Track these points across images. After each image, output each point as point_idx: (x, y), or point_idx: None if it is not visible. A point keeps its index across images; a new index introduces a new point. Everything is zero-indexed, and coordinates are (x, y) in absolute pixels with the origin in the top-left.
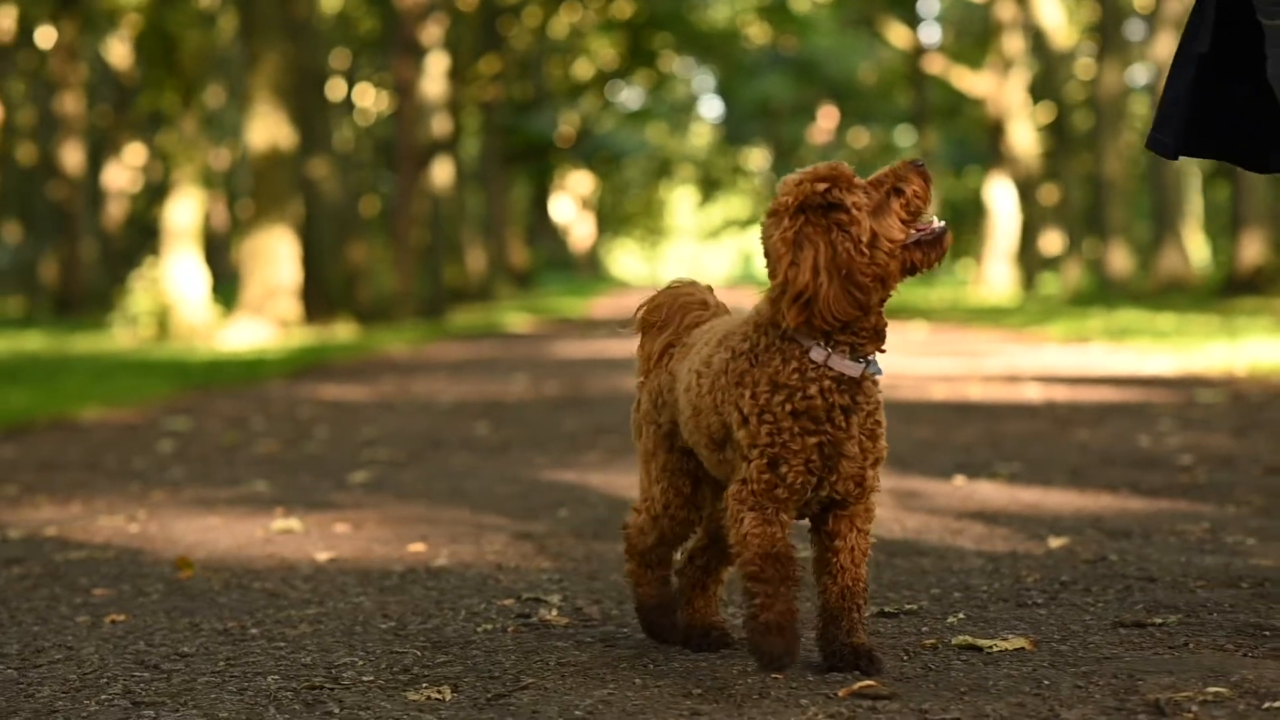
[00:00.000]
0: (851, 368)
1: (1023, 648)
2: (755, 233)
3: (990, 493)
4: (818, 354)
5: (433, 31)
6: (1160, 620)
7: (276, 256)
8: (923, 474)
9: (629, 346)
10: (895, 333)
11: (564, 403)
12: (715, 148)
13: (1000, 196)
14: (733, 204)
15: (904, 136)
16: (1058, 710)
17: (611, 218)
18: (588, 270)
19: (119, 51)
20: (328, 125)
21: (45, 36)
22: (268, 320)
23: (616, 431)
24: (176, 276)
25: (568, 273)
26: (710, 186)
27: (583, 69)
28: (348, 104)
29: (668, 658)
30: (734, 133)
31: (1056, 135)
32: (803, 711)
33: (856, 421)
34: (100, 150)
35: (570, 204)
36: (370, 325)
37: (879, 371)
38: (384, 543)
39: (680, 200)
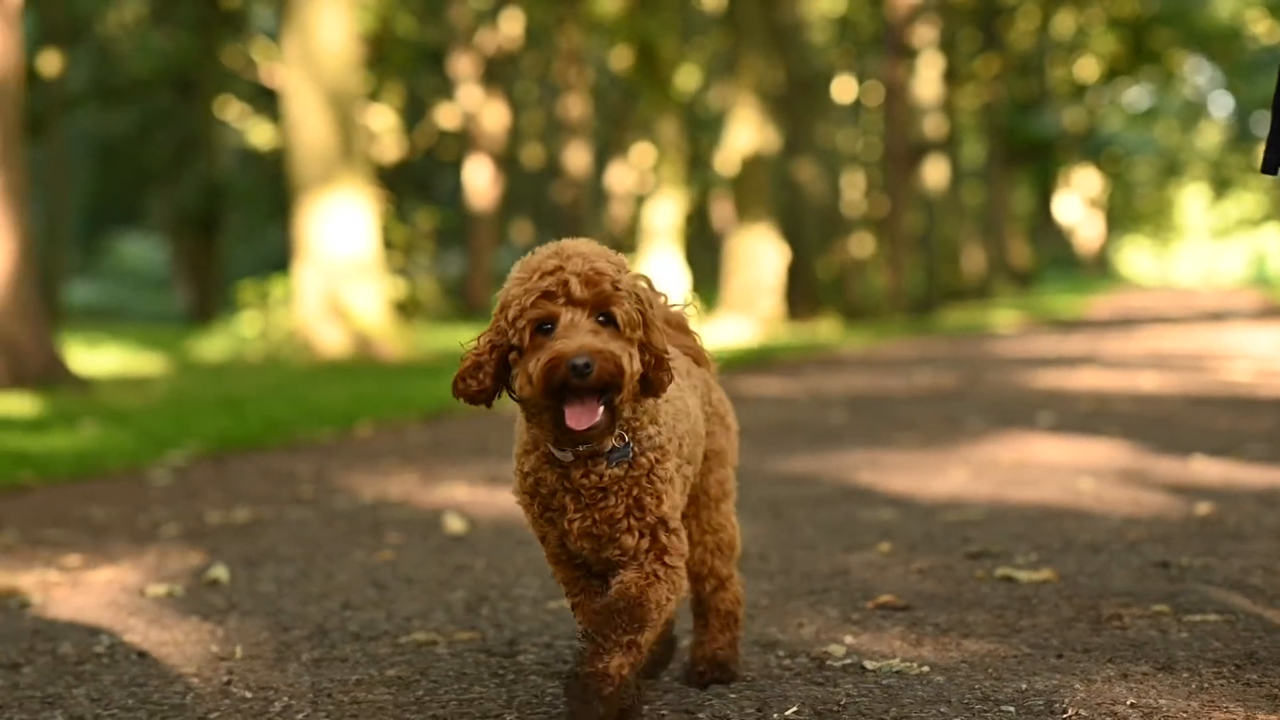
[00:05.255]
0: (559, 454)
1: (1047, 579)
2: (1270, 233)
3: (1206, 470)
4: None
5: (924, 33)
6: (1186, 563)
7: (757, 255)
8: (1171, 454)
9: (1073, 346)
10: None
11: (941, 395)
12: (1226, 145)
13: None
14: (1245, 202)
15: None
16: (1016, 620)
17: (1121, 216)
18: (1095, 270)
19: (621, 55)
20: (828, 125)
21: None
22: (749, 318)
23: (950, 420)
24: (652, 275)
25: (1072, 272)
26: (1222, 185)
27: (1086, 68)
28: (856, 105)
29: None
30: (1245, 130)
31: None
32: (826, 619)
33: (574, 501)
34: (606, 152)
35: (1077, 203)
36: (856, 323)
37: (621, 458)
38: None
39: (1191, 199)
